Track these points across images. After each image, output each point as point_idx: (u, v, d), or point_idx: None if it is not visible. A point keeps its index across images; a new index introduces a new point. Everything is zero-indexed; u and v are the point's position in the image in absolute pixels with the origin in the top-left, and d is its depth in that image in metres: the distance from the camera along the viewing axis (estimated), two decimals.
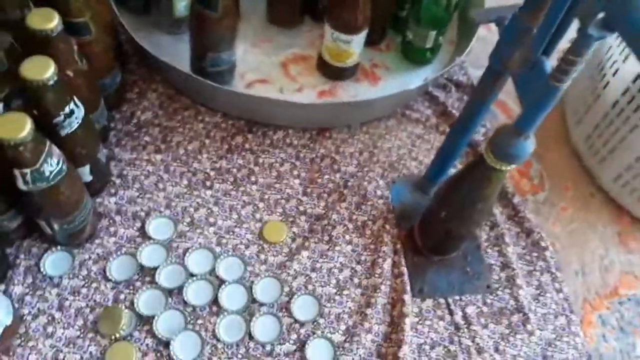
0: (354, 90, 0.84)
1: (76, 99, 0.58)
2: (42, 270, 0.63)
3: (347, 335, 0.64)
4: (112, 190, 0.71)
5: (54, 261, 0.64)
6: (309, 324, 0.64)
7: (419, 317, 0.67)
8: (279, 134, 0.79)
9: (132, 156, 0.74)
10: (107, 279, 0.64)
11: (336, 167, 0.78)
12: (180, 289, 0.64)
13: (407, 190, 0.77)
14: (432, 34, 0.82)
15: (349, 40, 0.77)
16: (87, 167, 0.64)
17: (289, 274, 0.68)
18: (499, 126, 0.53)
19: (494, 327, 0.68)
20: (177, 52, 0.79)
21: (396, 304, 0.67)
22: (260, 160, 0.77)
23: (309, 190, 0.75)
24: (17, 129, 0.49)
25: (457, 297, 0.69)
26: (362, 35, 0.78)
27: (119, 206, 0.70)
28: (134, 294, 0.63)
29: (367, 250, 0.71)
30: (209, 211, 0.71)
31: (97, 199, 0.70)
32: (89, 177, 0.65)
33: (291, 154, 0.78)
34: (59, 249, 0.65)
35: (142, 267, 0.65)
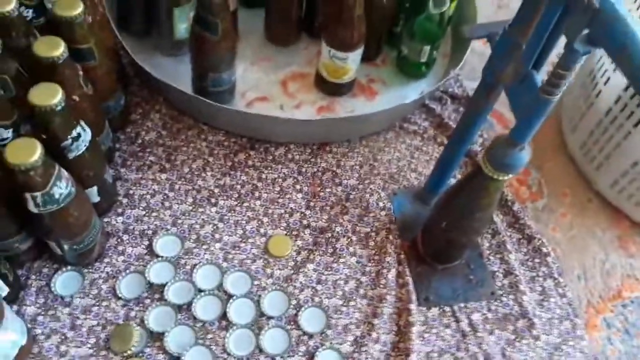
0: (351, 105, 0.85)
1: (83, 122, 0.59)
2: (53, 290, 0.64)
3: (355, 345, 0.65)
4: (120, 209, 0.72)
5: (65, 281, 0.66)
6: (317, 335, 0.65)
7: (426, 326, 0.68)
8: (281, 149, 0.81)
9: (138, 176, 0.75)
10: (117, 297, 0.65)
11: (338, 180, 0.79)
12: (189, 305, 0.65)
13: (408, 201, 0.78)
14: (427, 48, 0.83)
15: (346, 57, 0.78)
16: (95, 188, 0.65)
17: (295, 286, 0.69)
18: (495, 137, 0.55)
19: (500, 333, 0.68)
20: (178, 74, 0.80)
21: (402, 314, 0.68)
22: (263, 175, 0.78)
23: (311, 204, 0.76)
24: (27, 154, 0.50)
25: (462, 305, 0.70)
26: (359, 52, 0.79)
27: (127, 225, 0.71)
28: (144, 311, 0.64)
29: (372, 261, 0.72)
30: (215, 227, 0.72)
31: (105, 219, 0.71)
32: (96, 198, 0.66)
33: (293, 169, 0.79)
34: (69, 269, 0.66)
35: (150, 285, 0.66)
